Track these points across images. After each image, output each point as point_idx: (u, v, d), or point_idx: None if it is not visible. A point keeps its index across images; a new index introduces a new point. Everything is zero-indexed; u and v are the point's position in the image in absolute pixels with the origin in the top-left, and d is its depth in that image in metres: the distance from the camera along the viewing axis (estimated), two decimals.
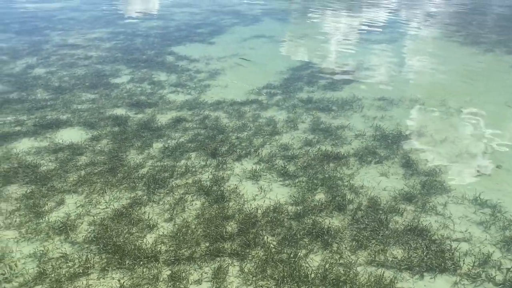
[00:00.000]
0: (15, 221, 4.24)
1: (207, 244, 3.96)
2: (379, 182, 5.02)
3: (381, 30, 12.63)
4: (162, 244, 3.96)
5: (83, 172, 5.06)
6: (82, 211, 4.40)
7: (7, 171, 5.05)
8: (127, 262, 3.73)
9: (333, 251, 3.93)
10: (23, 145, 5.68)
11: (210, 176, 5.05)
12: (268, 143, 5.86)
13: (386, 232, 4.17)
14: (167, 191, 4.75)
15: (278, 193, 4.77)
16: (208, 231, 4.12)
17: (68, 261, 3.76)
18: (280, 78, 8.44)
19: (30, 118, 6.46)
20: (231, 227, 4.20)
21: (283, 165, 5.28)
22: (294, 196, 4.69)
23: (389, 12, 15.45)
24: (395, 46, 10.89)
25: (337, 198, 4.65)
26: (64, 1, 16.49)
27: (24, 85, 7.75)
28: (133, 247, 3.89)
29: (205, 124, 6.37)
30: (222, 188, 4.81)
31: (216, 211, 4.41)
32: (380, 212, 4.46)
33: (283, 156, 5.52)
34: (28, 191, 4.69)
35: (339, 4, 16.80)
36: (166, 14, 14.29)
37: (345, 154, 5.57)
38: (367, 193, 4.79)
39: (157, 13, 14.72)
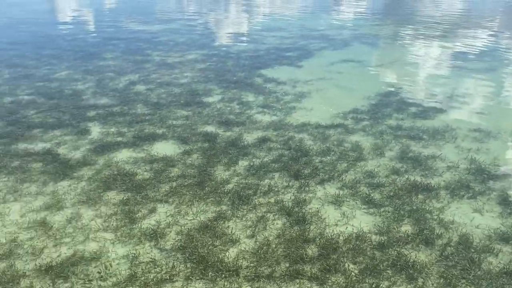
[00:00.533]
0: (112, 224, 4.61)
1: (287, 265, 3.99)
2: (472, 218, 4.70)
3: (478, 57, 11.94)
4: (243, 260, 4.06)
5: (174, 184, 5.38)
6: (171, 220, 4.67)
7: (107, 178, 5.53)
8: (209, 273, 3.88)
9: (418, 286, 3.74)
10: (123, 155, 6.19)
11: (292, 197, 5.10)
12: (352, 168, 5.78)
13: (478, 272, 3.88)
14: (250, 208, 4.87)
15: (362, 220, 4.67)
16: (288, 251, 4.15)
17: (156, 266, 4.00)
18: (368, 103, 8.31)
19: (130, 130, 7.03)
20: (312, 250, 4.19)
21: (367, 193, 5.17)
22: (378, 226, 4.56)
23: (489, 38, 14.57)
24: (493, 75, 10.21)
25: (424, 232, 4.44)
26: (165, 24, 17.81)
27: (127, 100, 8.47)
28: (216, 259, 4.04)
29: (289, 146, 6.45)
30: (303, 210, 4.83)
31: (297, 233, 4.43)
32: (472, 250, 4.17)
33: (368, 183, 5.40)
34: (125, 197, 5.09)
35: (433, 29, 16.21)
36: (257, 38, 14.81)
37: (436, 186, 5.31)
38: (458, 229, 4.51)
39: (248, 37, 15.32)
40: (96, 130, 7.03)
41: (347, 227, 4.54)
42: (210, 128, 7.13)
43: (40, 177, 5.57)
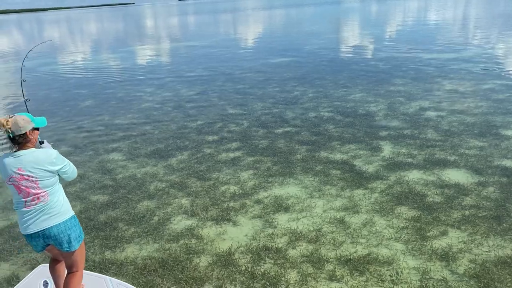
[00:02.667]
0: (404, 236, 4.89)
1: None
2: None
3: None
4: None
5: (467, 212, 5.26)
6: (464, 247, 4.60)
7: (399, 194, 5.87)
8: None
9: None
10: (413, 175, 6.41)
11: None
12: None
13: None
14: None
15: None
16: None
17: (448, 286, 4.04)
18: None
19: (420, 153, 7.20)
20: None
21: None
22: None
23: None
24: None
25: None
26: (457, 52, 17.22)
27: (417, 124, 8.68)
28: None
29: None
30: None
31: None
32: None
33: None
34: (416, 215, 5.30)
35: None
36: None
37: None
38: None
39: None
40: (387, 149, 7.51)
41: None
42: (509, 163, 6.57)
43: (338, 182, 6.39)
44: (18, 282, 4.29)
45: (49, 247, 3.54)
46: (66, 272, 3.71)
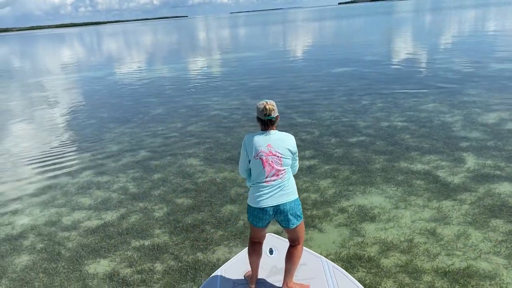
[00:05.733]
0: (504, 251, 4.69)
1: None
2: None
3: None
4: None
5: None
6: None
7: (491, 206, 5.64)
8: None
9: None
10: (504, 188, 6.14)
11: None
12: None
13: None
14: None
15: None
16: None
17: None
18: None
19: (508, 165, 6.89)
20: None
21: None
22: None
23: None
24: None
25: None
26: None
27: (499, 136, 8.31)
28: None
29: None
30: None
31: None
32: None
33: None
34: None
35: None
36: None
37: None
38: None
39: None
40: (471, 160, 7.24)
41: None
42: None
43: (424, 193, 6.23)
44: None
45: (264, 228, 3.72)
46: (261, 255, 3.88)
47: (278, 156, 3.53)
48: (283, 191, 3.56)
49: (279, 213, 3.59)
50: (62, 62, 36.81)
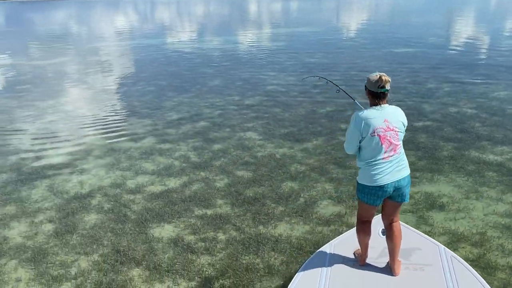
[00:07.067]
0: None
1: None
2: None
3: None
4: None
5: None
6: None
7: None
8: None
9: None
10: None
11: None
12: None
13: None
14: None
15: None
16: None
17: None
18: None
19: None
20: None
21: None
22: None
23: None
24: None
25: None
26: None
27: None
28: None
29: None
30: None
31: None
32: None
33: None
34: None
35: None
36: None
37: None
38: None
39: None
40: None
41: None
42: None
43: (497, 185, 5.90)
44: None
45: (377, 207, 3.63)
46: (370, 234, 3.76)
47: (395, 131, 3.39)
48: (399, 166, 3.45)
49: (397, 189, 3.48)
50: (118, 29, 37.65)
